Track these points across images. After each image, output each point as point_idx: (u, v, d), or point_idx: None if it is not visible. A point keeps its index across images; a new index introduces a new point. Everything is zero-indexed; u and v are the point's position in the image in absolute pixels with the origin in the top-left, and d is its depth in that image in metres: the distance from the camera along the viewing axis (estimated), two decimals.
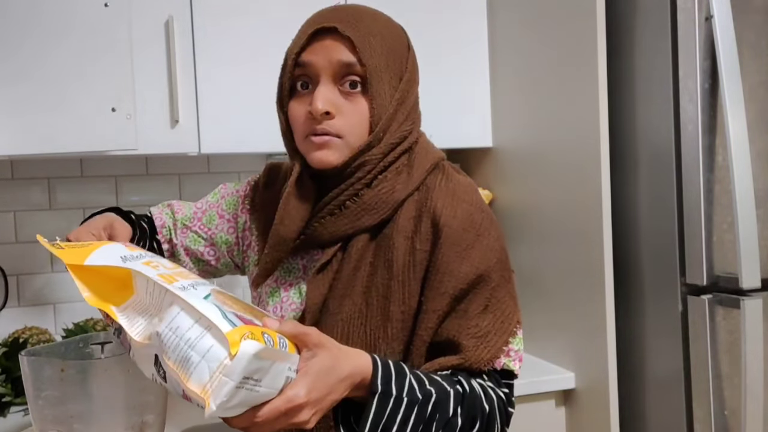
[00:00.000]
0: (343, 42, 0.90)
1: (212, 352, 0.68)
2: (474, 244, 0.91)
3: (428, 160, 0.98)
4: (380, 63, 0.91)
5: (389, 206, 0.94)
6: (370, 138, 0.92)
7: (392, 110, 0.93)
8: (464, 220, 0.92)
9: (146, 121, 1.59)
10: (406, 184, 0.95)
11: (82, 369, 0.87)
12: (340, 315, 0.93)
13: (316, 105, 0.90)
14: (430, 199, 0.94)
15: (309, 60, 0.92)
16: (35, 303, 1.85)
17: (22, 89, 1.41)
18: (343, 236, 0.95)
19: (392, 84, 0.94)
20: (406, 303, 0.92)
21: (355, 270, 0.94)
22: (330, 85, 0.92)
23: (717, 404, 1.46)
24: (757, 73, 1.48)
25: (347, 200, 0.94)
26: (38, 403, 0.86)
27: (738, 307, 1.42)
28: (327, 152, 0.92)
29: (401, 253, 0.92)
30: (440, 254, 0.91)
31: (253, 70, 1.70)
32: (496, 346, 0.91)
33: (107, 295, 0.81)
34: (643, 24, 1.55)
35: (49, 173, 1.86)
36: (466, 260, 0.90)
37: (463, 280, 0.90)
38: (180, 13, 1.64)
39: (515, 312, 0.94)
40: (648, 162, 1.56)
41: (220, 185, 1.24)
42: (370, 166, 0.93)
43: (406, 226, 0.93)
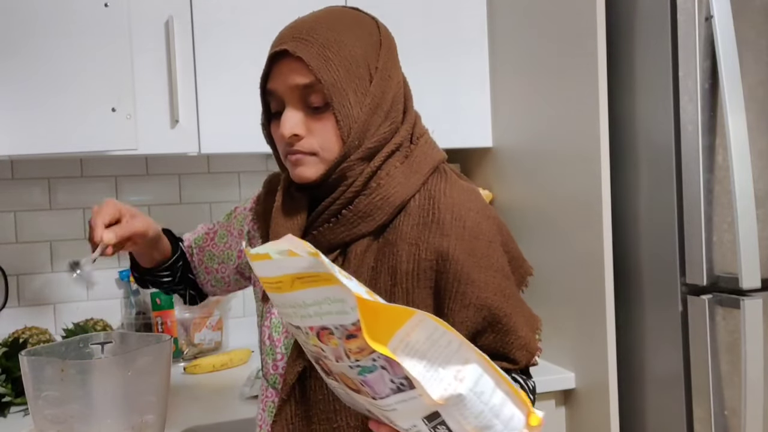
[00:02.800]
0: (297, 64, 0.90)
1: (514, 422, 0.68)
2: (488, 252, 0.92)
3: (428, 163, 0.97)
4: (339, 75, 0.90)
5: (385, 212, 0.93)
6: (345, 149, 0.92)
7: (364, 116, 0.92)
8: (474, 229, 0.92)
9: (146, 121, 1.59)
10: (403, 187, 0.94)
11: (82, 369, 0.87)
12: None
13: (283, 131, 0.92)
14: (436, 209, 0.93)
15: (272, 88, 0.94)
16: (35, 303, 1.85)
17: (22, 89, 1.41)
18: (341, 243, 0.95)
19: (360, 90, 0.92)
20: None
21: (356, 275, 0.92)
22: (295, 108, 0.93)
23: (717, 404, 1.46)
24: (757, 73, 1.48)
25: (342, 208, 0.94)
26: (38, 403, 0.86)
27: (738, 307, 1.42)
28: (303, 168, 0.94)
29: (405, 261, 0.92)
30: (457, 265, 0.90)
31: (253, 70, 1.69)
32: (534, 347, 0.95)
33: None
34: (643, 24, 1.55)
35: (49, 173, 1.86)
36: (484, 270, 0.91)
37: (485, 290, 0.90)
38: (180, 13, 1.64)
39: (530, 308, 0.98)
40: (648, 162, 1.55)
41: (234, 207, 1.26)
42: (355, 172, 0.93)
43: (410, 234, 0.93)
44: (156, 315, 1.82)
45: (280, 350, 1.01)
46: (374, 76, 0.93)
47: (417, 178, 0.95)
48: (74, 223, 1.89)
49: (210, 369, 1.76)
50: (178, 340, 1.86)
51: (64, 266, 1.88)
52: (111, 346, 1.03)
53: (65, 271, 1.88)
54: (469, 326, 0.90)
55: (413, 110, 1.00)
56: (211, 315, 1.91)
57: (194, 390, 1.62)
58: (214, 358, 1.79)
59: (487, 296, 0.90)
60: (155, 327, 1.82)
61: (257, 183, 2.05)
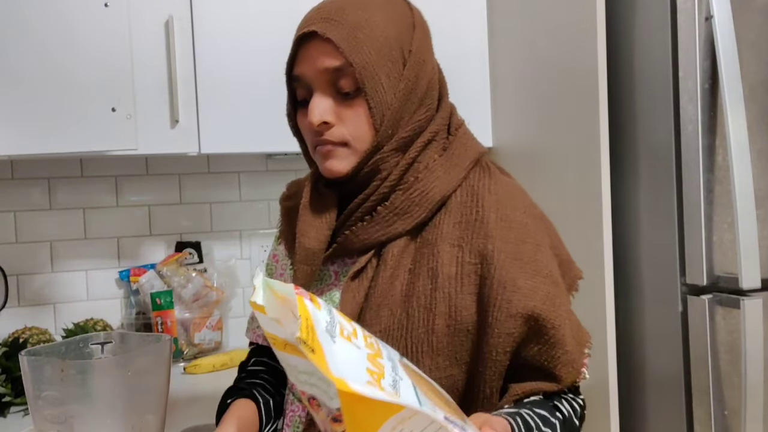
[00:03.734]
0: (327, 46, 0.84)
1: None
2: (536, 256, 0.85)
3: (468, 156, 0.90)
4: (371, 57, 0.84)
5: (424, 208, 0.87)
6: (377, 138, 0.86)
7: (397, 103, 0.86)
8: (520, 230, 0.85)
9: (146, 121, 1.59)
10: (443, 182, 0.87)
11: (82, 369, 0.87)
12: (378, 326, 0.85)
13: (312, 118, 0.86)
14: (480, 207, 0.86)
15: (299, 73, 0.88)
16: (35, 303, 1.85)
17: (22, 89, 1.41)
18: (376, 243, 0.88)
19: (392, 75, 0.86)
20: (453, 317, 0.84)
21: (392, 278, 0.87)
22: (324, 94, 0.86)
23: (717, 404, 1.46)
24: (757, 73, 1.48)
25: (376, 205, 0.87)
26: (38, 403, 0.86)
27: (738, 307, 1.41)
28: (333, 161, 0.87)
29: (447, 263, 0.85)
30: (501, 270, 0.83)
31: (253, 70, 1.70)
32: (581, 364, 0.87)
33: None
34: (643, 24, 1.55)
35: (49, 173, 1.86)
36: (531, 275, 0.84)
37: (533, 297, 0.83)
38: (180, 13, 1.64)
39: (578, 319, 0.90)
40: (648, 162, 1.55)
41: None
42: (389, 164, 0.87)
43: (452, 233, 0.86)
44: (156, 315, 1.83)
45: None
46: (408, 59, 0.87)
47: (457, 172, 0.89)
48: (74, 223, 1.89)
49: (210, 369, 1.76)
50: (178, 340, 1.86)
51: (64, 266, 1.88)
52: (111, 346, 1.03)
53: (65, 271, 1.88)
54: (515, 337, 0.82)
55: (449, 100, 0.94)
56: (211, 315, 1.91)
57: (194, 390, 1.61)
58: (214, 358, 1.79)
59: (535, 305, 0.82)
60: (155, 327, 1.82)
61: (257, 183, 2.06)
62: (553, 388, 0.84)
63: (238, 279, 2.02)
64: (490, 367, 0.83)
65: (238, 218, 2.05)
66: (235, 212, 2.05)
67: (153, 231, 1.97)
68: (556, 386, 0.84)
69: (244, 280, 2.05)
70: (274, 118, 1.73)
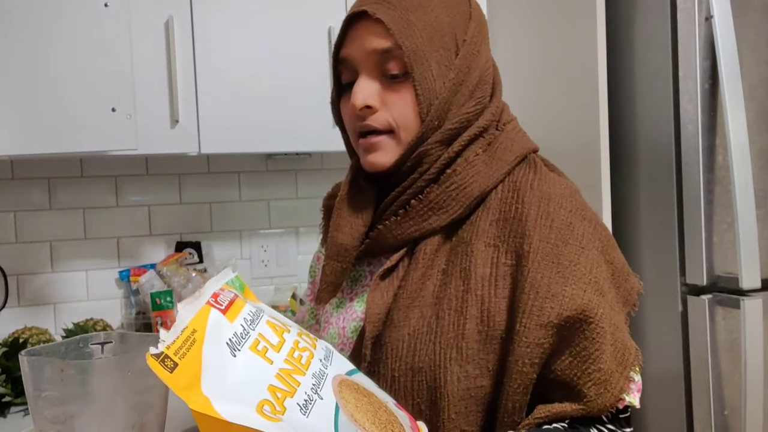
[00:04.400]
0: (377, 27, 0.80)
1: None
2: (578, 260, 0.76)
3: (514, 151, 0.84)
4: (422, 42, 0.80)
5: (461, 204, 0.81)
6: (422, 128, 0.81)
7: (446, 92, 0.81)
8: (563, 230, 0.77)
9: (146, 121, 1.59)
10: (483, 177, 0.81)
11: (82, 369, 0.87)
12: (407, 328, 0.80)
13: (356, 100, 0.81)
14: (520, 203, 0.79)
15: (346, 55, 0.84)
16: (35, 303, 1.85)
17: (22, 89, 1.41)
18: (409, 239, 0.83)
19: (443, 62, 0.81)
20: (485, 323, 0.77)
21: (424, 278, 0.81)
22: (370, 77, 0.82)
23: (717, 404, 1.46)
24: (757, 73, 1.48)
25: (411, 199, 0.82)
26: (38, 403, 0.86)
27: (738, 307, 1.42)
28: (377, 154, 0.83)
29: (481, 264, 0.78)
30: (536, 272, 0.75)
31: (253, 70, 1.70)
32: (619, 387, 0.75)
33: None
34: (643, 24, 1.55)
35: (49, 173, 1.86)
36: (571, 280, 0.74)
37: (569, 306, 0.73)
38: (180, 13, 1.64)
39: (631, 339, 0.79)
40: (648, 162, 1.55)
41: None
42: (432, 158, 0.82)
43: (488, 231, 0.80)
44: (156, 315, 1.82)
45: None
46: (461, 48, 0.83)
47: (500, 167, 0.82)
48: (74, 223, 1.89)
49: None
50: None
51: (64, 266, 1.88)
52: (111, 346, 1.02)
53: (65, 271, 1.88)
54: (545, 348, 0.74)
55: (501, 97, 0.90)
56: None
57: None
58: None
59: (570, 314, 0.73)
60: (155, 327, 1.82)
61: (257, 183, 2.06)
62: (579, 411, 0.74)
63: None
64: (515, 380, 0.74)
65: (238, 218, 2.05)
66: (235, 212, 2.05)
67: (153, 231, 1.97)
68: (582, 408, 0.74)
69: (244, 280, 2.05)
70: (274, 118, 1.74)
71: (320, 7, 1.75)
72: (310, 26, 1.74)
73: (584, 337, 0.73)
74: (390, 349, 0.79)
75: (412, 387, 0.78)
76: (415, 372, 0.78)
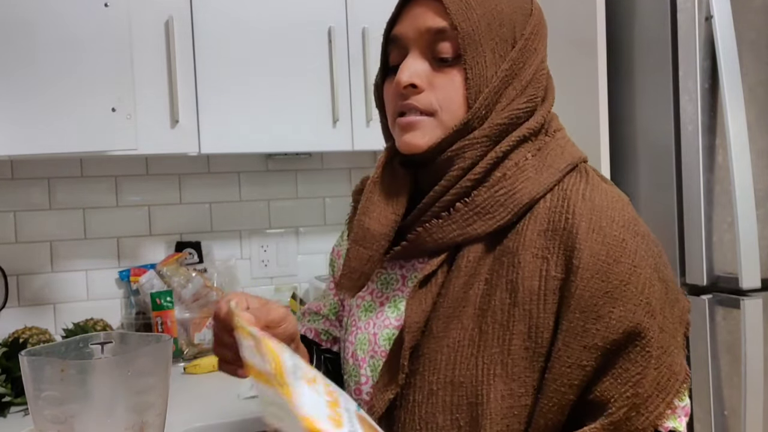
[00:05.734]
0: (434, 6, 0.78)
1: None
2: (629, 279, 0.72)
3: (564, 159, 0.80)
4: (479, 26, 0.77)
5: (509, 210, 0.77)
6: (468, 116, 0.77)
7: (497, 82, 0.77)
8: (615, 247, 0.72)
9: (146, 121, 1.59)
10: (532, 183, 0.77)
11: (82, 369, 0.87)
12: (446, 339, 0.76)
13: (401, 77, 0.78)
14: (570, 214, 0.75)
15: (398, 33, 0.81)
16: (35, 303, 1.85)
17: (22, 89, 1.41)
18: (450, 244, 0.79)
19: (498, 52, 0.78)
20: (532, 339, 0.73)
21: (466, 287, 0.77)
22: (420, 56, 0.79)
23: (717, 404, 1.46)
24: (757, 73, 1.48)
25: (456, 200, 0.78)
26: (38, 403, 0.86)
27: (738, 307, 1.42)
28: (414, 134, 0.79)
29: (529, 276, 0.74)
30: (583, 289, 0.71)
31: (253, 70, 1.70)
32: (656, 413, 0.71)
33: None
34: (643, 24, 1.55)
35: (49, 173, 1.86)
36: (620, 302, 0.71)
37: (616, 330, 0.70)
38: (180, 13, 1.64)
39: (682, 362, 0.74)
40: (648, 162, 1.56)
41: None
42: (474, 152, 0.78)
43: (536, 242, 0.75)
44: (156, 315, 1.82)
45: (364, 372, 0.85)
46: (518, 42, 0.80)
47: (550, 174, 0.78)
48: (74, 223, 1.89)
49: (210, 369, 1.75)
50: (178, 340, 1.86)
51: (64, 266, 1.88)
52: (111, 346, 1.03)
53: (65, 271, 1.88)
54: (588, 371, 0.71)
55: (552, 106, 0.86)
56: (211, 315, 1.91)
57: (194, 390, 1.61)
58: (214, 358, 1.79)
59: (616, 338, 0.70)
60: (155, 327, 1.82)
61: (257, 183, 2.06)
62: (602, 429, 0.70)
63: (238, 279, 2.02)
64: (551, 398, 0.71)
65: (238, 218, 2.05)
66: (235, 212, 2.05)
67: (153, 231, 1.97)
68: (604, 428, 0.70)
69: (244, 280, 2.05)
70: (274, 118, 1.74)
71: (320, 7, 1.75)
72: (310, 26, 1.74)
73: (628, 359, 0.71)
74: (428, 361, 0.77)
75: (452, 402, 0.75)
76: (456, 386, 0.75)
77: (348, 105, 1.77)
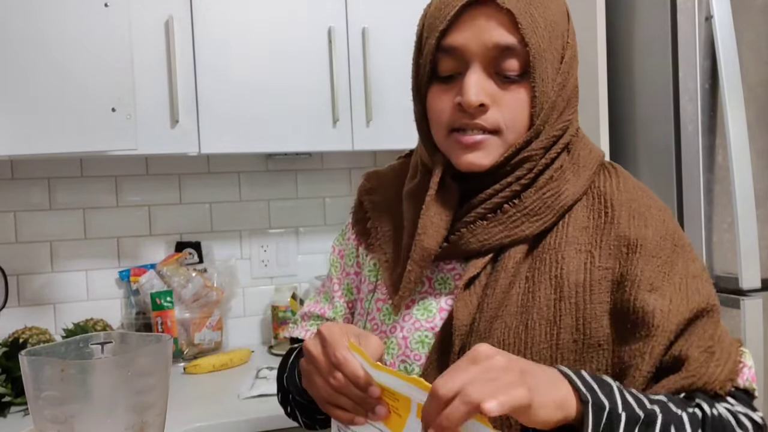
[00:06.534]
0: (501, 18, 0.74)
1: None
2: (675, 259, 0.76)
3: (593, 159, 0.82)
4: (544, 41, 0.75)
5: (555, 212, 0.78)
6: (530, 133, 0.77)
7: (554, 96, 0.77)
8: (658, 228, 0.77)
9: (146, 121, 1.59)
10: (573, 185, 0.79)
11: (82, 369, 0.87)
12: (490, 339, 0.76)
13: (469, 97, 0.74)
14: (609, 208, 0.78)
15: (457, 44, 0.76)
16: (35, 303, 1.85)
17: (22, 89, 1.41)
18: (496, 246, 0.79)
19: (554, 65, 0.77)
20: (580, 331, 0.74)
21: (510, 286, 0.78)
22: (484, 72, 0.76)
23: None
24: (757, 73, 1.48)
25: (504, 202, 0.78)
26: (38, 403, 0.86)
27: (738, 307, 1.42)
28: (479, 154, 0.77)
29: (574, 270, 0.76)
30: (642, 271, 0.74)
31: (254, 70, 1.70)
32: (731, 360, 0.73)
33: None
34: (643, 24, 1.55)
35: (49, 173, 1.86)
36: (672, 277, 0.75)
37: (697, 303, 0.74)
38: (180, 13, 1.64)
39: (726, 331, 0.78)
40: (648, 162, 1.56)
41: (330, 252, 1.04)
42: (531, 164, 0.78)
43: (578, 239, 0.77)
44: (156, 315, 1.82)
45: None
46: (566, 52, 0.79)
47: (586, 175, 0.81)
48: (74, 223, 1.89)
49: (210, 369, 1.76)
50: (178, 340, 1.86)
51: (64, 266, 1.88)
52: (111, 346, 1.03)
53: (65, 271, 1.88)
54: (650, 374, 0.72)
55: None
56: (211, 315, 1.91)
57: (194, 390, 1.61)
58: (214, 358, 1.79)
59: (701, 308, 0.74)
60: (155, 327, 1.82)
61: (257, 183, 2.06)
62: (685, 379, 0.71)
63: (238, 279, 2.02)
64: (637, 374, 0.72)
65: (238, 218, 2.05)
66: (235, 212, 2.05)
67: (153, 231, 1.97)
68: (686, 377, 0.71)
69: (244, 280, 2.05)
70: (274, 118, 1.74)
71: (320, 7, 1.75)
72: (310, 26, 1.74)
73: (700, 324, 0.74)
74: None
75: None
76: None
77: (348, 105, 1.77)
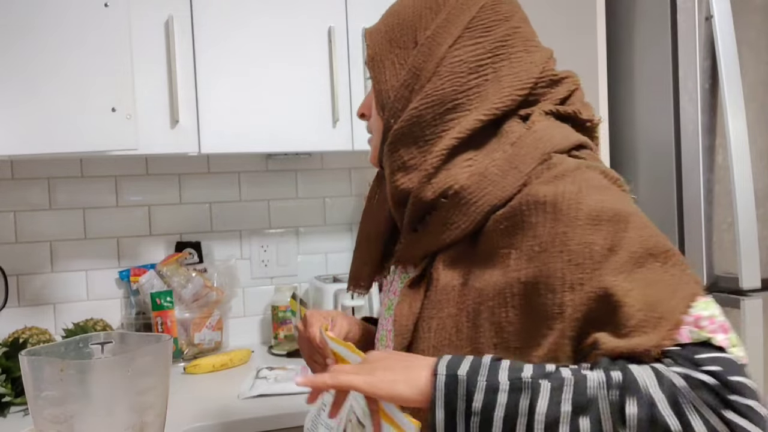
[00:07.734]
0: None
1: None
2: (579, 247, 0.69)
3: (533, 158, 0.78)
4: (382, 45, 0.86)
5: (471, 219, 0.78)
6: (383, 129, 0.86)
7: (399, 83, 0.83)
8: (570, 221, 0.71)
9: (146, 121, 1.59)
10: (496, 188, 0.77)
11: (82, 369, 0.87)
12: (430, 341, 0.79)
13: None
14: (527, 207, 0.74)
15: None
16: (35, 303, 1.85)
17: (22, 89, 1.41)
18: (427, 253, 0.84)
19: (400, 58, 0.84)
20: (499, 335, 0.74)
21: (444, 291, 0.80)
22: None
23: None
24: (757, 73, 1.48)
25: (426, 215, 0.83)
26: (38, 403, 0.86)
27: (738, 307, 1.42)
28: (370, 154, 0.93)
29: (492, 273, 0.76)
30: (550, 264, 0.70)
31: (253, 70, 1.70)
32: (662, 326, 0.65)
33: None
34: (643, 24, 1.55)
35: (49, 173, 1.86)
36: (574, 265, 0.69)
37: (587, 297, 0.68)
38: (180, 13, 1.64)
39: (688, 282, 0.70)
40: (648, 162, 1.56)
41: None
42: (394, 161, 0.86)
43: (499, 241, 0.76)
44: (156, 315, 1.82)
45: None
46: (422, 37, 0.84)
47: (515, 178, 0.80)
48: (74, 223, 1.89)
49: (210, 369, 1.75)
50: (178, 340, 1.86)
51: (64, 266, 1.88)
52: (111, 346, 1.03)
53: (65, 271, 1.88)
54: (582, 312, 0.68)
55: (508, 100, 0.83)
56: (211, 315, 1.91)
57: (194, 390, 1.61)
58: (214, 358, 1.79)
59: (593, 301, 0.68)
60: (155, 327, 1.82)
61: (257, 183, 2.07)
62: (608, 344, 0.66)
63: (238, 279, 2.02)
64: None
65: (238, 218, 2.05)
66: (235, 212, 2.05)
67: (153, 231, 1.97)
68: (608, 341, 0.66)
69: (244, 280, 2.05)
70: (274, 118, 1.74)
71: (320, 7, 1.75)
72: (310, 26, 1.74)
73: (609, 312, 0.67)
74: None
75: None
76: None
77: (348, 105, 1.77)
